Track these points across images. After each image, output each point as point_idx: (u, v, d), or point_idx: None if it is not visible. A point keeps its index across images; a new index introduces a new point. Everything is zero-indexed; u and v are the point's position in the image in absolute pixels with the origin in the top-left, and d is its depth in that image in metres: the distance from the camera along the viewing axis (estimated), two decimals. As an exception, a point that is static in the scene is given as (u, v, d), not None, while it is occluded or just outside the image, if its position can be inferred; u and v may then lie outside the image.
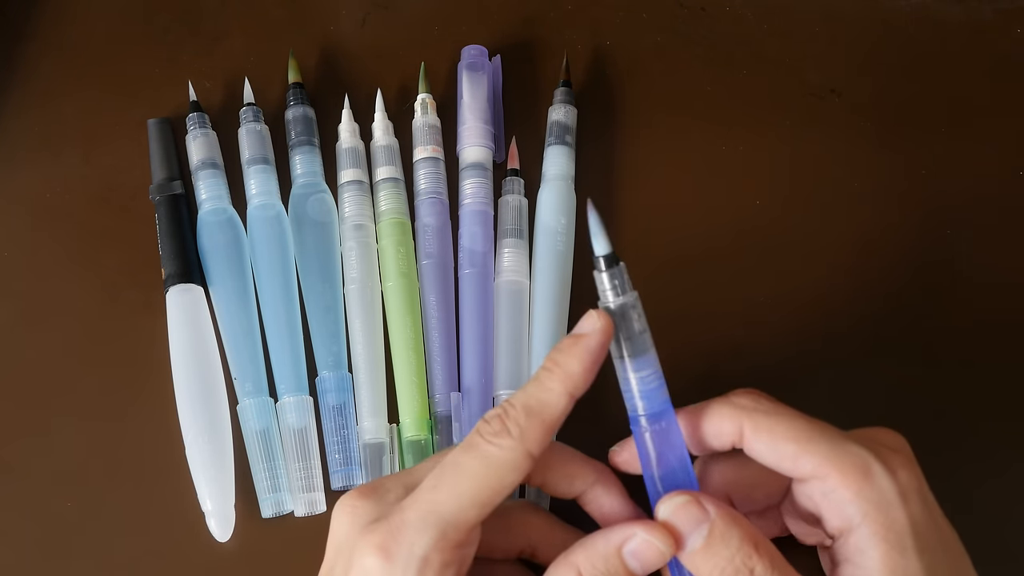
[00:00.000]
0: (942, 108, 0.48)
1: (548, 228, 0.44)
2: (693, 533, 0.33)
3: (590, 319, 0.34)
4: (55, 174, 0.46)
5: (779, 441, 0.34)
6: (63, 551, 0.41)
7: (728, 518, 0.33)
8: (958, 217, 0.46)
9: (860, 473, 0.33)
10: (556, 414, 0.33)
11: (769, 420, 0.34)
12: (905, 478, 0.33)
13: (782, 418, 0.34)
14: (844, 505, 0.33)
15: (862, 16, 0.50)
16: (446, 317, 0.43)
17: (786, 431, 0.34)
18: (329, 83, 0.48)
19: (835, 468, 0.33)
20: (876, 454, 0.33)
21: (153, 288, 0.44)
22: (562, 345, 0.34)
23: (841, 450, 0.33)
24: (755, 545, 0.33)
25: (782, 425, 0.34)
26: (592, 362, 0.34)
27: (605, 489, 0.36)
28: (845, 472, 0.33)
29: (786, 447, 0.34)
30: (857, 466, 0.33)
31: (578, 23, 0.49)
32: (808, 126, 0.48)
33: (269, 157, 0.45)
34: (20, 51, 0.48)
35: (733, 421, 0.35)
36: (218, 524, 0.40)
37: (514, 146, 0.46)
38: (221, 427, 0.41)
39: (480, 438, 0.33)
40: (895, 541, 0.33)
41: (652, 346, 0.34)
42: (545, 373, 0.34)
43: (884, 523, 0.33)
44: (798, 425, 0.34)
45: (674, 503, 0.33)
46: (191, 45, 0.48)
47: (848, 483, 0.33)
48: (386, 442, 0.42)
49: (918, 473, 0.34)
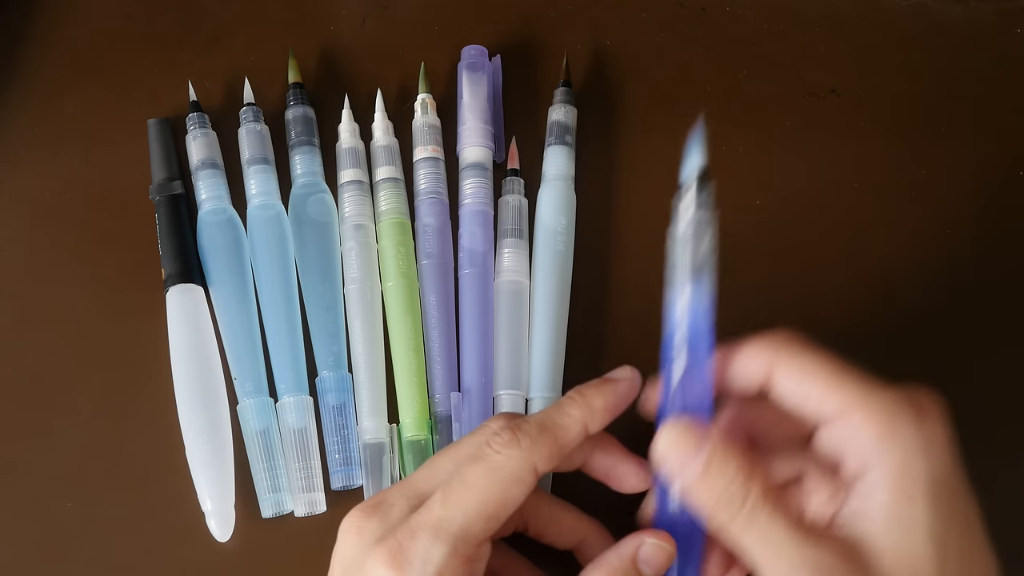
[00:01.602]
0: (942, 108, 0.48)
1: (548, 228, 0.44)
2: (692, 460, 0.33)
3: (624, 369, 0.36)
4: (55, 174, 0.46)
5: (809, 378, 0.33)
6: (63, 551, 0.41)
7: (726, 445, 0.33)
8: (958, 217, 0.46)
9: (886, 416, 0.32)
10: (568, 438, 0.34)
11: (802, 357, 0.34)
12: (931, 430, 0.32)
13: (815, 356, 0.34)
14: (865, 445, 0.32)
15: (862, 16, 0.50)
16: (446, 317, 0.43)
17: (818, 369, 0.33)
18: (329, 83, 0.48)
19: (861, 408, 0.32)
20: (906, 402, 0.33)
21: (153, 288, 0.44)
22: (590, 383, 0.36)
23: (870, 392, 0.33)
24: (750, 473, 0.32)
25: (814, 363, 0.34)
26: (614, 403, 0.35)
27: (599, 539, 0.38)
28: (870, 413, 0.32)
29: (815, 385, 0.33)
30: (884, 409, 0.32)
31: (578, 23, 0.49)
32: (808, 126, 0.48)
33: (269, 157, 0.45)
34: (20, 51, 0.48)
35: (765, 357, 0.34)
36: (218, 524, 0.40)
37: (514, 146, 0.46)
38: (221, 427, 0.41)
39: (489, 448, 0.34)
40: (907, 487, 0.32)
41: (713, 274, 0.34)
42: (567, 400, 0.35)
43: (899, 468, 0.32)
44: (830, 364, 0.33)
45: (676, 428, 0.33)
46: (191, 45, 0.48)
47: (872, 423, 0.32)
48: (386, 442, 0.42)
49: (946, 431, 0.33)
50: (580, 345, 0.44)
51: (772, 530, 0.32)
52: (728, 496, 0.32)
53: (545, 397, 0.42)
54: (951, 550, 0.32)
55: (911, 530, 0.32)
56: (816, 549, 0.32)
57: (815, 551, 0.31)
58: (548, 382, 0.42)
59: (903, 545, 0.32)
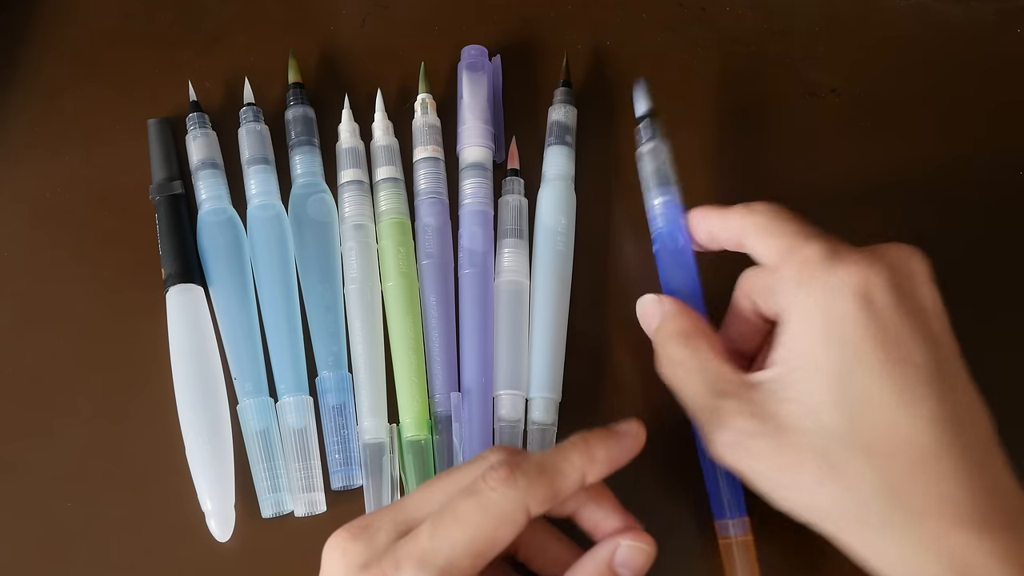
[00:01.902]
0: (942, 108, 0.48)
1: (548, 228, 0.44)
2: (655, 317, 0.39)
3: (631, 424, 0.36)
4: (55, 174, 0.46)
5: (764, 234, 0.37)
6: (63, 551, 0.41)
7: (677, 311, 0.38)
8: (958, 216, 0.46)
9: (802, 264, 0.35)
10: (565, 484, 0.34)
11: (766, 217, 0.37)
12: (841, 277, 0.34)
13: (778, 217, 0.37)
14: (785, 292, 0.35)
15: (862, 16, 0.50)
16: (446, 317, 0.43)
17: (774, 226, 0.36)
18: (329, 83, 0.48)
19: (787, 257, 0.35)
20: (826, 251, 0.34)
21: (153, 288, 0.44)
22: (595, 431, 0.35)
23: (798, 243, 0.35)
24: (681, 336, 0.37)
25: (774, 222, 0.37)
26: (616, 457, 0.35)
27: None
28: (792, 261, 0.35)
29: (768, 240, 0.36)
30: (802, 257, 0.35)
31: (578, 23, 0.49)
32: (808, 126, 0.48)
33: (269, 157, 0.45)
34: (21, 51, 0.48)
35: (739, 219, 0.38)
36: (218, 524, 0.40)
37: (514, 146, 0.46)
38: (221, 427, 0.41)
39: (484, 483, 0.33)
40: (808, 328, 0.34)
41: (674, 182, 0.42)
42: (569, 445, 0.34)
43: (804, 310, 0.34)
44: (786, 223, 0.36)
45: (644, 299, 0.40)
46: (191, 45, 0.48)
47: (790, 271, 0.35)
48: (386, 442, 0.42)
49: (862, 278, 0.34)
50: (580, 345, 0.44)
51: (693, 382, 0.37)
52: (666, 353, 0.38)
53: (545, 397, 0.42)
54: (853, 390, 0.33)
55: (813, 374, 0.34)
56: (725, 399, 0.35)
57: (723, 401, 0.35)
58: (548, 382, 0.42)
59: (806, 390, 0.34)
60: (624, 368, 0.43)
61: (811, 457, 0.33)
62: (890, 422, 0.33)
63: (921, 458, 0.32)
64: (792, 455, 0.34)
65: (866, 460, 0.33)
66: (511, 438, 0.42)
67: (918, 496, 0.32)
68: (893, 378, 0.33)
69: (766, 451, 0.34)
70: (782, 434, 0.34)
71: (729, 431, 0.35)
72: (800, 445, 0.33)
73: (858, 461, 0.33)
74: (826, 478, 0.33)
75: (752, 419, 0.35)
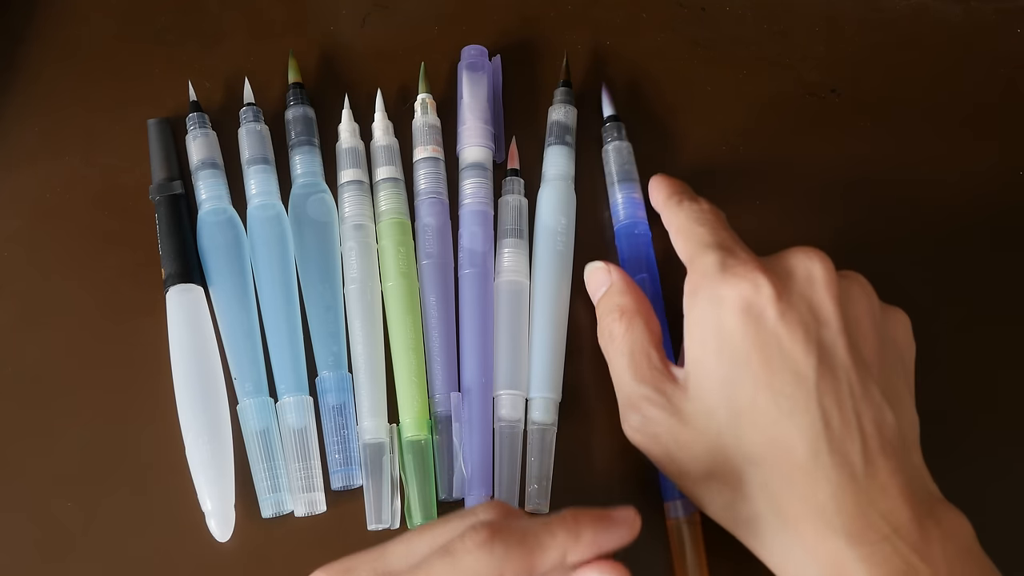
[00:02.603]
0: (942, 108, 0.48)
1: (548, 228, 0.44)
2: (601, 286, 0.41)
3: (627, 511, 0.34)
4: (55, 174, 0.46)
5: (682, 235, 0.39)
6: (63, 551, 0.41)
7: (623, 286, 0.40)
8: (958, 217, 0.46)
9: (698, 273, 0.37)
10: (543, 560, 0.32)
11: (688, 216, 0.39)
12: (728, 290, 0.35)
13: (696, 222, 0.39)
14: (685, 298, 0.37)
15: (862, 16, 0.50)
16: (446, 317, 0.43)
17: (688, 231, 0.39)
18: (329, 83, 0.48)
19: (690, 264, 0.38)
20: (719, 264, 0.36)
21: (153, 288, 0.44)
22: (588, 512, 0.33)
23: (699, 252, 0.37)
24: (620, 312, 0.39)
25: (691, 223, 0.39)
26: (604, 542, 0.33)
27: None
28: (692, 269, 0.37)
29: (682, 242, 0.39)
30: (699, 267, 0.37)
31: (578, 23, 0.49)
32: (808, 126, 0.48)
33: (269, 157, 0.45)
34: (21, 52, 0.48)
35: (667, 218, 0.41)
36: (218, 524, 0.40)
37: (514, 146, 0.46)
38: (221, 427, 0.41)
39: (461, 544, 0.32)
40: (698, 336, 0.36)
41: (637, 179, 0.45)
42: (558, 520, 0.33)
43: (696, 319, 0.36)
44: (703, 226, 0.38)
45: (597, 265, 0.42)
46: (191, 45, 0.48)
47: (689, 279, 0.37)
48: (386, 442, 0.42)
49: (764, 291, 0.35)
50: (580, 345, 0.44)
51: (620, 361, 0.38)
52: (605, 325, 0.40)
53: (545, 397, 0.42)
54: (739, 400, 0.35)
55: (705, 377, 0.35)
56: (640, 385, 0.37)
57: (639, 386, 0.37)
58: (548, 382, 0.42)
59: (701, 390, 0.36)
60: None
61: (704, 455, 0.35)
62: (771, 431, 0.34)
63: (798, 467, 0.34)
64: (688, 451, 0.36)
65: (750, 466, 0.34)
66: (511, 438, 0.42)
67: (795, 503, 0.34)
68: (773, 389, 0.34)
69: (668, 441, 0.36)
70: (681, 429, 0.36)
71: (637, 415, 0.37)
72: (695, 443, 0.36)
73: (744, 466, 0.35)
74: (717, 477, 0.35)
75: (658, 409, 0.37)
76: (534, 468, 0.41)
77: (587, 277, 0.42)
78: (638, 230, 0.44)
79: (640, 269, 0.43)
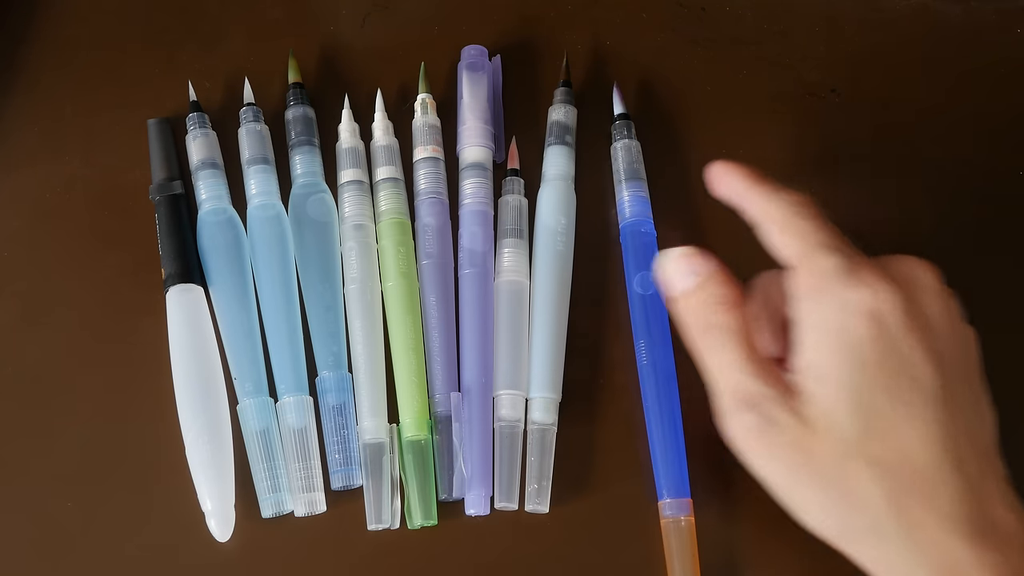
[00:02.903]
0: (942, 108, 0.48)
1: (548, 228, 0.44)
2: (689, 276, 0.38)
3: None
4: (55, 174, 0.46)
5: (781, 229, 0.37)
6: (63, 551, 0.41)
7: (723, 276, 0.37)
8: (958, 217, 0.46)
9: (819, 275, 0.35)
10: None
11: (787, 211, 0.37)
12: (857, 296, 0.35)
13: (800, 216, 0.37)
14: (798, 298, 0.36)
15: (862, 16, 0.50)
16: (446, 317, 0.43)
17: (794, 225, 0.36)
18: (329, 83, 0.48)
19: (805, 263, 0.36)
20: (844, 267, 0.35)
21: (153, 288, 0.44)
22: None
23: (817, 251, 0.36)
24: (733, 304, 0.37)
25: (794, 219, 0.37)
26: None
27: None
28: (809, 269, 0.36)
29: (782, 237, 0.37)
30: (820, 268, 0.35)
31: (578, 23, 0.49)
32: (808, 126, 0.48)
33: (269, 157, 0.45)
34: (21, 52, 0.48)
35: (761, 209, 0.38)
36: (218, 524, 0.40)
37: (514, 146, 0.46)
38: (221, 427, 0.41)
39: None
40: (823, 342, 0.35)
41: (644, 177, 0.45)
42: None
43: (819, 324, 0.35)
44: (807, 223, 0.36)
45: (685, 250, 0.38)
46: (191, 45, 0.48)
47: (806, 279, 0.36)
48: (386, 442, 0.42)
49: (887, 299, 0.35)
50: (580, 345, 0.44)
51: (728, 356, 0.36)
52: (705, 316, 0.37)
53: (545, 397, 0.42)
54: (864, 404, 0.34)
55: (830, 382, 0.35)
56: (758, 383, 0.35)
57: (757, 384, 0.35)
58: (548, 382, 0.42)
59: (824, 396, 0.35)
60: (624, 368, 0.43)
61: (824, 459, 0.34)
62: (895, 437, 0.34)
63: (919, 473, 0.34)
64: (807, 455, 0.35)
65: (871, 469, 0.34)
66: (511, 438, 0.42)
67: (915, 508, 0.34)
68: (900, 396, 0.34)
69: (786, 445, 0.35)
70: (803, 433, 0.35)
71: (754, 415, 0.36)
72: (816, 447, 0.34)
73: (866, 471, 0.34)
74: (834, 481, 0.34)
75: (780, 410, 0.35)
76: (534, 468, 0.41)
77: (670, 261, 0.38)
78: (644, 228, 0.44)
79: (646, 267, 0.43)
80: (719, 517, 0.41)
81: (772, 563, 0.41)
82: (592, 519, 0.41)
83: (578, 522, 0.41)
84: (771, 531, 0.41)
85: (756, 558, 0.41)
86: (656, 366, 0.42)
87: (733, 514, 0.41)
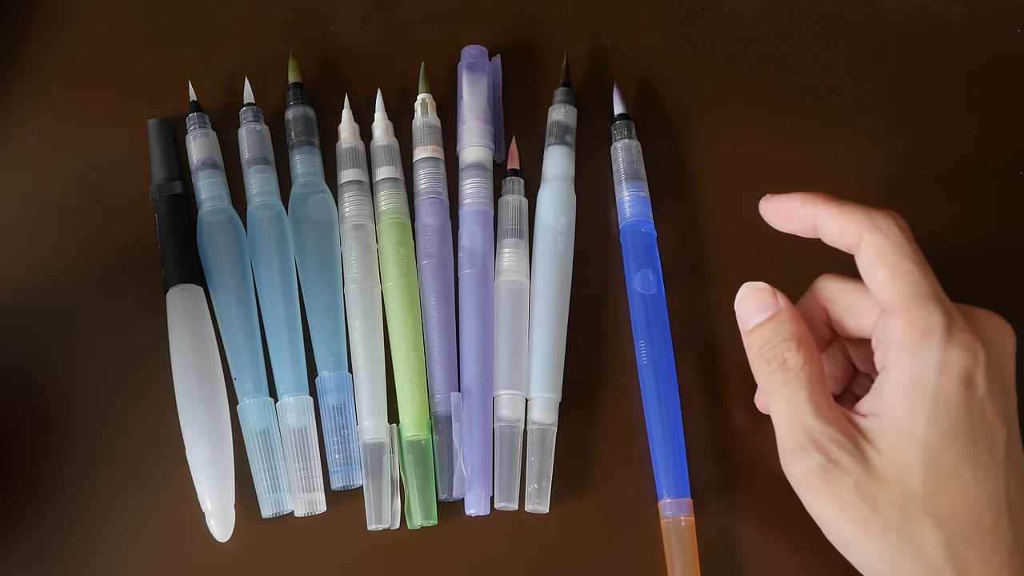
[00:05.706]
0: (942, 108, 0.48)
1: (548, 228, 0.44)
2: (760, 312, 0.38)
3: None
4: (55, 174, 0.46)
5: (881, 262, 0.36)
6: (63, 551, 0.41)
7: (792, 313, 0.37)
8: (959, 217, 0.46)
9: (920, 326, 0.35)
10: None
11: (887, 239, 0.36)
12: (955, 356, 0.34)
13: (899, 245, 0.36)
14: (893, 345, 0.35)
15: (862, 16, 0.50)
16: (446, 317, 0.43)
17: (894, 256, 0.36)
18: (329, 83, 0.48)
19: (903, 310, 0.35)
20: (944, 323, 0.35)
21: (153, 288, 0.44)
22: None
23: (918, 299, 0.35)
24: (800, 342, 0.36)
25: (894, 250, 0.36)
26: None
27: None
28: (909, 318, 0.35)
29: (883, 271, 0.36)
30: (921, 319, 0.35)
31: (578, 23, 0.49)
32: (808, 126, 0.48)
33: (269, 157, 0.46)
34: (20, 51, 0.48)
35: (856, 224, 0.37)
36: (218, 524, 0.40)
37: (514, 146, 0.46)
38: (221, 427, 0.41)
39: None
40: (912, 396, 0.34)
41: (644, 177, 0.45)
42: None
43: (911, 377, 0.34)
44: (907, 258, 0.36)
45: (758, 286, 0.38)
46: (191, 45, 0.48)
47: (905, 327, 0.35)
48: (386, 442, 0.42)
49: (980, 362, 0.35)
50: (580, 345, 0.44)
51: (796, 395, 0.36)
52: (774, 353, 0.37)
53: (545, 397, 0.42)
54: (939, 462, 0.34)
55: (907, 437, 0.34)
56: (825, 424, 0.35)
57: (823, 426, 0.35)
58: (548, 382, 0.42)
59: (897, 448, 0.35)
60: (624, 368, 0.43)
61: (887, 509, 0.35)
62: (963, 496, 0.34)
63: (981, 530, 0.34)
64: (870, 502, 0.35)
65: (936, 524, 0.34)
66: (511, 438, 0.42)
67: (976, 564, 0.34)
68: (975, 457, 0.35)
69: (848, 489, 0.35)
70: (867, 480, 0.35)
71: (820, 456, 0.35)
72: (880, 495, 0.35)
73: (928, 524, 0.34)
74: (895, 530, 0.35)
75: (848, 455, 0.35)
76: (534, 468, 0.41)
77: (743, 298, 0.39)
78: (644, 228, 0.44)
79: (646, 267, 0.43)
80: (719, 517, 0.41)
81: (772, 563, 0.41)
82: (592, 519, 0.41)
83: (578, 522, 0.41)
84: (771, 531, 0.41)
85: (756, 558, 0.41)
86: (656, 366, 0.42)
87: (733, 514, 0.41)
